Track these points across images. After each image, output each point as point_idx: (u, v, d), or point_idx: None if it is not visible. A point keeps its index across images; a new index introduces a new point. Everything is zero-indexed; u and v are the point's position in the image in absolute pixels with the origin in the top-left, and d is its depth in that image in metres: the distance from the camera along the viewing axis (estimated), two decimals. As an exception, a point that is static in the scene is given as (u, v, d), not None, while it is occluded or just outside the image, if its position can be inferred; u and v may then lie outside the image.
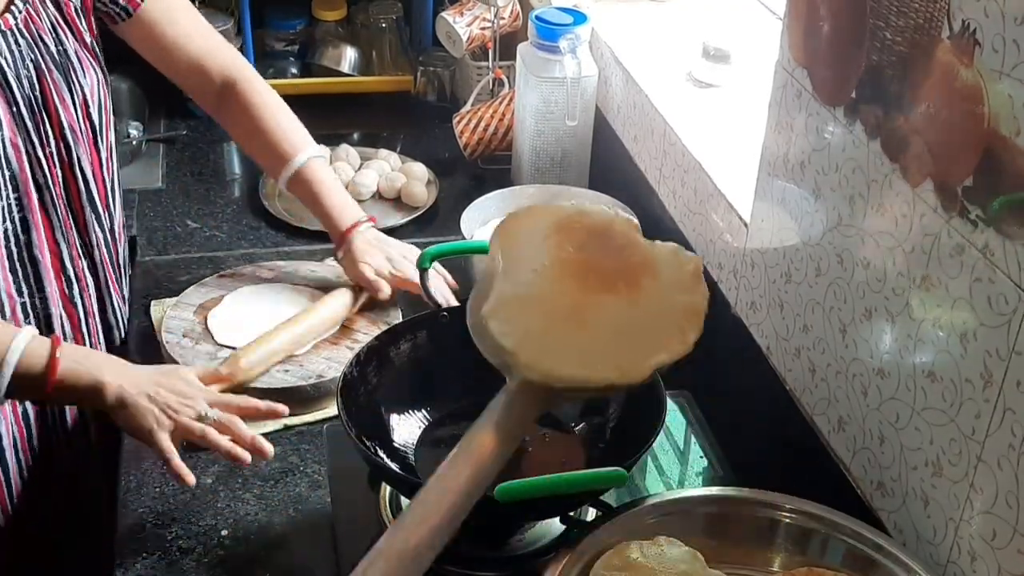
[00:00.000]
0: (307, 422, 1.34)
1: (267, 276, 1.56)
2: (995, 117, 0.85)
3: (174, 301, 1.51)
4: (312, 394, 1.36)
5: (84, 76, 1.35)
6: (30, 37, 1.29)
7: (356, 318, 1.48)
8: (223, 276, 1.56)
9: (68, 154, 1.34)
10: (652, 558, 0.99)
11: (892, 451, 1.03)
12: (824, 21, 1.09)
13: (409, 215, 1.80)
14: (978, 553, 0.92)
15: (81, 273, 1.41)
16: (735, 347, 1.34)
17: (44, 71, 1.30)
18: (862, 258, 1.06)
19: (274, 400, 1.26)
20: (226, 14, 2.13)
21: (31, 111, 1.29)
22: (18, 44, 1.27)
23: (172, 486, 1.24)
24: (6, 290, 1.30)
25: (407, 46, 2.33)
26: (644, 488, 1.28)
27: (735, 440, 1.34)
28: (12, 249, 1.30)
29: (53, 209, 1.34)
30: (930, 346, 0.96)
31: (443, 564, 1.12)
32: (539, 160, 1.78)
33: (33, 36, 1.29)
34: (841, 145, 1.08)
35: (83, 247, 1.41)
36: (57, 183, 1.34)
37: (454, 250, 1.38)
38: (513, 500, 0.99)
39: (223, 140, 2.06)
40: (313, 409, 1.36)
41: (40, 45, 1.30)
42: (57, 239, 1.36)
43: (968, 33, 0.87)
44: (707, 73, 1.64)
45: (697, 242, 1.46)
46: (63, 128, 1.32)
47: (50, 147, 1.32)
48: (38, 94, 1.29)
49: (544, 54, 1.70)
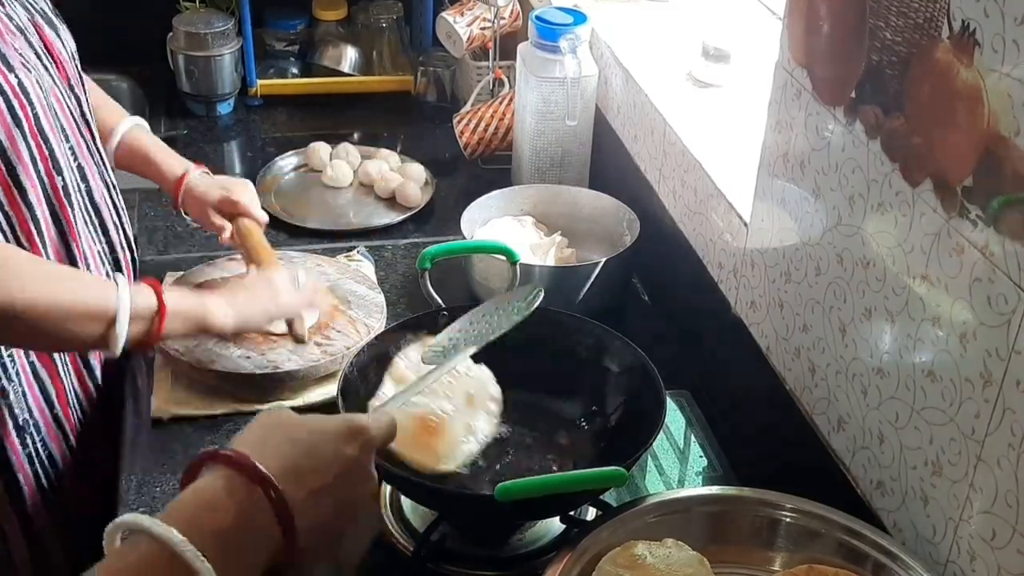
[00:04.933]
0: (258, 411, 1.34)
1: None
2: (995, 117, 0.85)
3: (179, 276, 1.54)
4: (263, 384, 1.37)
5: (63, 31, 1.35)
6: None
7: (334, 315, 1.47)
8: (232, 260, 1.57)
9: (79, 104, 1.34)
10: (659, 559, 0.99)
11: (892, 450, 1.03)
12: (824, 21, 1.09)
13: (403, 214, 1.80)
14: (977, 552, 0.92)
15: (115, 217, 1.42)
16: (735, 347, 1.34)
17: (40, 27, 1.30)
18: (862, 258, 1.06)
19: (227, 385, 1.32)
20: (226, 14, 2.13)
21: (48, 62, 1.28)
22: (12, 4, 1.26)
23: (172, 486, 1.25)
24: (87, 240, 1.31)
25: (407, 46, 2.34)
26: (644, 488, 1.29)
27: (735, 440, 1.34)
28: (80, 198, 1.31)
29: (91, 156, 1.35)
30: (930, 346, 0.96)
31: (443, 564, 1.13)
32: (539, 160, 1.78)
33: None
34: (841, 145, 1.08)
35: (107, 190, 1.40)
36: (85, 132, 1.34)
37: (454, 250, 1.39)
38: (513, 500, 0.99)
39: (223, 140, 2.07)
40: (268, 399, 1.36)
41: (28, 4, 1.30)
42: (99, 185, 1.36)
43: (968, 33, 0.87)
44: (707, 73, 1.64)
45: (697, 242, 1.46)
46: (70, 80, 1.33)
47: (71, 99, 1.32)
48: (46, 49, 1.29)
49: (544, 54, 1.70)
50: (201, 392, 1.37)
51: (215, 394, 1.36)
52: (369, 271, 1.61)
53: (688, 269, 1.47)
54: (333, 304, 1.47)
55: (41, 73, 1.25)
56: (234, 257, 1.59)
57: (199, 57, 2.09)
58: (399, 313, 1.52)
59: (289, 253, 1.60)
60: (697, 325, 1.49)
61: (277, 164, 1.93)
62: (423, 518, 1.17)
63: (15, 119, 1.17)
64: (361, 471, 0.84)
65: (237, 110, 2.17)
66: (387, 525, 1.18)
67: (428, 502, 1.14)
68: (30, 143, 1.20)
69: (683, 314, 1.54)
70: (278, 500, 0.76)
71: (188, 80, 2.11)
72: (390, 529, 1.17)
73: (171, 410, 1.35)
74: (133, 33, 1.51)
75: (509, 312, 1.15)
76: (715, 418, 1.38)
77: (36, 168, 1.22)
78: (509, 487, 0.99)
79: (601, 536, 1.02)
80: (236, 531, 0.74)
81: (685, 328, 1.52)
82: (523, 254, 1.45)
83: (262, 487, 0.76)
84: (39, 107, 1.21)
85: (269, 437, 0.81)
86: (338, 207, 1.85)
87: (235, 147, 2.04)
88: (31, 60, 1.24)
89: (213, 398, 1.36)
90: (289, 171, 1.94)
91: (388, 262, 1.67)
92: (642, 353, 1.22)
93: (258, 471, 0.76)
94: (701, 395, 1.42)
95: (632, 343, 1.23)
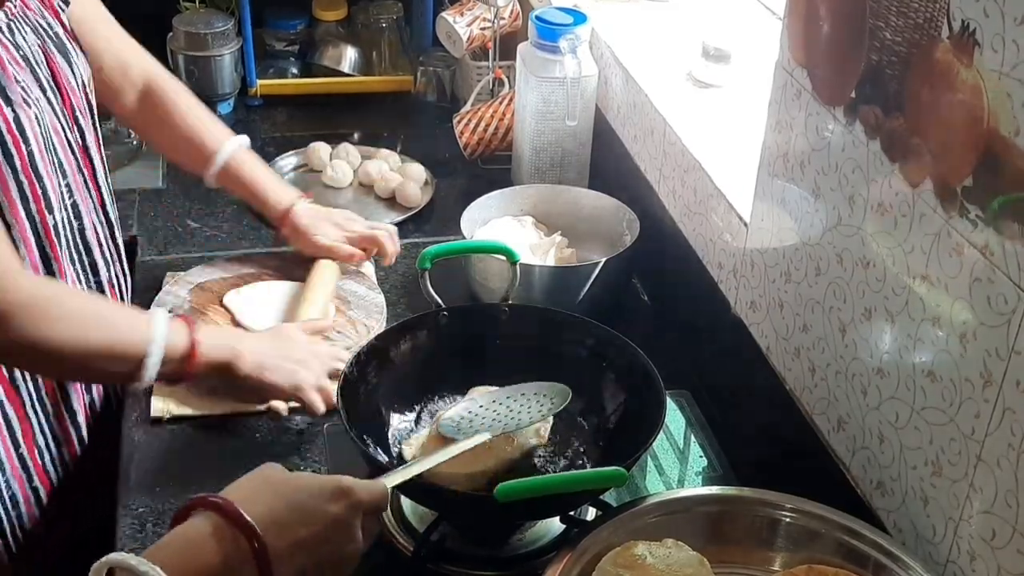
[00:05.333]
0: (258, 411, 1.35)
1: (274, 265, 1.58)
2: (995, 117, 0.85)
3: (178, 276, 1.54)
4: None
5: (78, 58, 1.35)
6: (32, 24, 1.29)
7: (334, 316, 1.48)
8: (232, 260, 1.57)
9: (82, 136, 1.34)
10: (659, 559, 0.99)
11: (892, 450, 1.03)
12: (824, 21, 1.09)
13: (403, 214, 1.80)
14: (977, 552, 0.92)
15: (111, 255, 1.42)
16: (735, 347, 1.34)
17: (51, 55, 1.29)
18: (862, 258, 1.06)
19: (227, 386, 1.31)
20: (226, 14, 2.13)
21: (53, 96, 1.28)
22: (26, 32, 1.27)
23: (172, 486, 1.25)
24: (72, 279, 1.31)
25: (407, 46, 2.33)
26: (644, 488, 1.28)
27: (735, 440, 1.34)
28: (70, 236, 1.31)
29: (87, 192, 1.35)
30: (930, 346, 0.96)
31: (443, 564, 1.13)
32: (539, 160, 1.78)
33: (33, 23, 1.29)
34: (841, 145, 1.08)
35: (104, 227, 1.41)
36: (84, 167, 1.35)
37: (454, 250, 1.38)
38: (513, 500, 0.99)
39: (223, 140, 2.06)
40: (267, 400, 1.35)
41: (41, 30, 1.30)
42: (95, 222, 1.37)
43: (968, 33, 0.87)
44: (707, 73, 1.64)
45: (697, 242, 1.46)
46: (75, 111, 1.33)
47: (73, 131, 1.32)
48: (52, 79, 1.29)
49: (544, 54, 1.70)
50: (201, 392, 1.36)
51: (215, 394, 1.36)
52: (369, 271, 1.61)
53: (688, 269, 1.47)
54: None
55: (43, 107, 1.25)
56: (233, 257, 1.59)
57: (199, 57, 2.09)
58: (399, 313, 1.52)
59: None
60: (697, 325, 1.49)
61: (277, 164, 1.93)
62: (423, 518, 1.17)
63: (6, 156, 1.17)
64: (345, 530, 0.87)
65: (237, 110, 2.17)
66: (387, 525, 1.18)
67: (428, 502, 1.14)
68: (21, 180, 1.20)
69: (683, 314, 1.54)
70: (260, 548, 0.81)
71: (188, 80, 2.11)
72: (390, 529, 1.17)
73: (171, 410, 1.35)
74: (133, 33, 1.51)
75: (533, 406, 1.14)
76: (715, 418, 1.38)
77: (27, 207, 1.22)
78: (509, 487, 0.99)
79: (601, 536, 1.02)
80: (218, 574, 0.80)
81: (685, 328, 1.52)
82: (523, 254, 1.45)
83: (245, 535, 0.81)
84: (35, 144, 1.21)
85: (258, 489, 0.86)
86: (338, 207, 1.85)
87: (235, 147, 2.04)
88: (33, 93, 1.23)
89: (213, 398, 1.36)
90: (289, 171, 1.94)
91: (388, 262, 1.67)
92: (642, 353, 1.22)
93: (243, 519, 0.81)
94: (701, 395, 1.42)
95: (632, 343, 1.23)
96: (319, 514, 0.86)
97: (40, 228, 1.24)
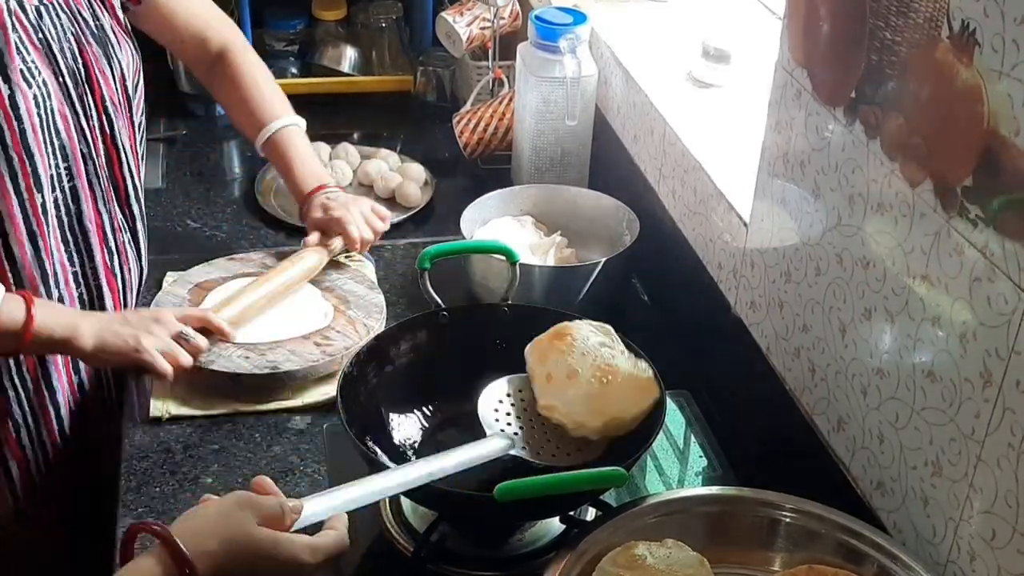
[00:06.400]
0: (258, 411, 1.35)
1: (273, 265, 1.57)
2: (995, 117, 0.85)
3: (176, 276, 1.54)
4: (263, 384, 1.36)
5: (120, 51, 1.38)
6: (70, 12, 1.32)
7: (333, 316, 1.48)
8: (232, 260, 1.57)
9: (110, 127, 1.37)
10: (659, 559, 0.99)
11: (891, 451, 1.03)
12: (824, 21, 1.09)
13: (402, 214, 1.80)
14: (977, 553, 0.92)
15: (123, 246, 1.44)
16: (735, 347, 1.34)
17: (85, 45, 1.33)
18: (862, 258, 1.06)
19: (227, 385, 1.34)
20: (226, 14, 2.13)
21: (75, 83, 1.32)
22: (59, 18, 1.30)
23: (172, 486, 1.25)
24: (59, 259, 1.34)
25: (407, 46, 2.34)
26: (644, 488, 1.29)
27: (735, 440, 1.34)
28: (63, 218, 1.34)
29: (97, 180, 1.37)
30: (929, 346, 0.96)
31: (443, 564, 1.13)
32: (539, 160, 1.78)
33: (72, 11, 1.33)
34: (841, 145, 1.08)
35: (124, 219, 1.44)
36: (100, 155, 1.37)
37: (454, 250, 1.38)
38: (513, 500, 0.99)
39: (223, 140, 2.06)
40: (267, 400, 1.36)
41: (80, 20, 1.33)
42: (100, 210, 1.39)
43: (968, 33, 0.87)
44: (707, 73, 1.64)
45: (697, 242, 1.46)
46: (104, 101, 1.35)
47: (93, 119, 1.35)
48: (81, 67, 1.32)
49: (544, 54, 1.70)
50: (201, 392, 1.37)
51: (215, 394, 1.36)
52: (369, 271, 1.61)
53: (688, 269, 1.47)
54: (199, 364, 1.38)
55: (51, 90, 1.27)
56: (233, 257, 1.59)
57: (199, 57, 2.09)
58: (399, 313, 1.52)
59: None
60: (697, 325, 1.49)
61: (277, 164, 1.93)
62: (423, 518, 1.17)
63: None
64: None
65: (237, 110, 2.17)
66: (387, 525, 1.18)
67: (428, 502, 1.14)
68: (11, 156, 1.24)
69: (683, 314, 1.54)
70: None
71: (188, 80, 2.11)
72: (390, 530, 1.17)
73: (171, 410, 1.35)
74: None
75: None
76: (715, 418, 1.38)
77: (15, 182, 1.26)
78: (509, 487, 0.99)
79: (601, 536, 1.02)
80: None
81: (685, 328, 1.52)
82: (523, 254, 1.45)
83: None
84: (28, 122, 1.24)
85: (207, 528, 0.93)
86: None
87: (235, 147, 2.04)
88: (40, 75, 1.26)
89: (213, 398, 1.36)
90: (289, 171, 1.94)
91: (388, 262, 1.67)
92: (642, 353, 1.22)
93: (182, 555, 0.89)
94: (701, 395, 1.42)
95: (632, 343, 1.23)
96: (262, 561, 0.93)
97: (28, 205, 1.28)
